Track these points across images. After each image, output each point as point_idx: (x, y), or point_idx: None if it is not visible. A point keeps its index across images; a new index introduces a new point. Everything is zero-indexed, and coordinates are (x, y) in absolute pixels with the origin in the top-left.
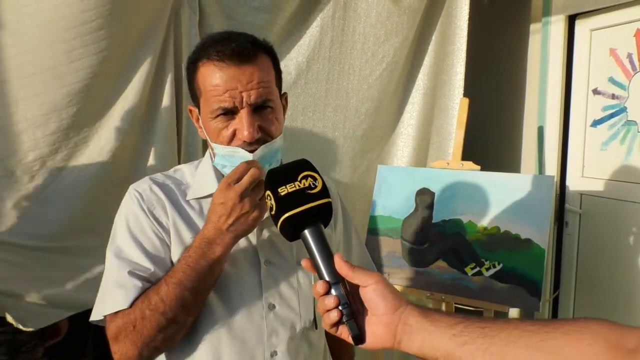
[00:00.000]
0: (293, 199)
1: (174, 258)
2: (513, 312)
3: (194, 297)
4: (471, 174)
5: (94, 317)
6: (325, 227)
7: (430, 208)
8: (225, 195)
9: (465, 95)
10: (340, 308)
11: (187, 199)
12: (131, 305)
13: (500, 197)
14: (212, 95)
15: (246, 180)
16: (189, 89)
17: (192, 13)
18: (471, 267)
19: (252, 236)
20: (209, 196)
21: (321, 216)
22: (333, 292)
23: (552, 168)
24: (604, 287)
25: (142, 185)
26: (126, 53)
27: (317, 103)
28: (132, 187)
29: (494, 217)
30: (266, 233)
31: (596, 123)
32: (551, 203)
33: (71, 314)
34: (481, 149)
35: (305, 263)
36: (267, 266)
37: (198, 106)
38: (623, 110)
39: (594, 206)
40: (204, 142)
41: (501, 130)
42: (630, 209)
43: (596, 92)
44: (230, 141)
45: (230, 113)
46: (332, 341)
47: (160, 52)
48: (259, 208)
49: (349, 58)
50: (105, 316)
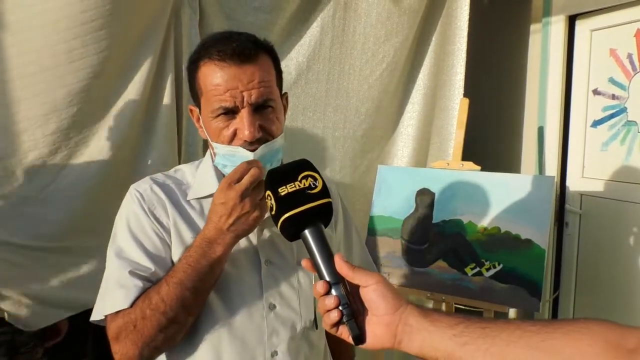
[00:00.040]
0: (293, 199)
1: (175, 258)
2: (512, 313)
3: (195, 297)
4: (471, 174)
5: (95, 317)
6: (325, 227)
7: (430, 208)
8: (225, 195)
9: (465, 95)
10: (340, 308)
11: (188, 199)
12: (132, 305)
13: (500, 198)
14: (213, 94)
15: (247, 180)
16: (190, 89)
17: (193, 13)
18: (471, 268)
19: (253, 236)
20: (210, 196)
21: (321, 216)
22: (333, 292)
23: (553, 168)
24: (604, 288)
25: (143, 185)
26: (126, 53)
27: (318, 103)
28: (133, 187)
29: (494, 218)
30: (267, 233)
31: (596, 123)
32: (551, 203)
33: (71, 314)
34: (481, 149)
35: (305, 263)
36: (268, 266)
37: (199, 106)
38: (623, 110)
39: (594, 206)
40: (204, 142)
41: (501, 130)
42: (630, 210)
43: (596, 93)
44: (231, 141)
45: (231, 113)
46: (333, 341)
47: (160, 52)
48: (260, 208)
49: (349, 58)
50: (105, 316)
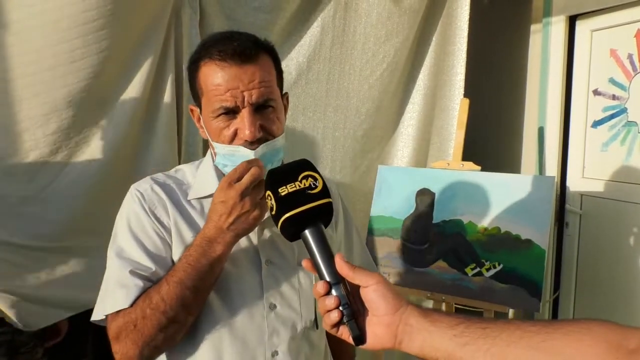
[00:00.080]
0: (293, 199)
1: (175, 258)
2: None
3: (195, 296)
4: (471, 175)
5: (95, 317)
6: (325, 228)
7: (430, 208)
8: (225, 194)
9: (465, 95)
10: (340, 308)
11: (189, 199)
12: (132, 304)
13: (500, 198)
14: (214, 94)
15: (247, 179)
16: (191, 89)
17: (193, 13)
18: (471, 268)
19: (253, 236)
20: (210, 196)
21: (322, 216)
22: (333, 293)
23: (553, 169)
24: (604, 288)
25: (144, 185)
26: (127, 53)
27: (318, 103)
28: (134, 187)
29: (495, 218)
30: (267, 233)
31: (597, 124)
32: (551, 204)
33: (71, 314)
34: (481, 150)
35: (305, 263)
36: (268, 266)
37: (199, 106)
38: (623, 111)
39: (595, 207)
40: (205, 142)
41: (501, 130)
42: (630, 210)
43: (597, 93)
44: (231, 140)
45: (231, 112)
46: (333, 342)
47: (161, 52)
48: (260, 207)
49: (350, 58)
50: (106, 316)
